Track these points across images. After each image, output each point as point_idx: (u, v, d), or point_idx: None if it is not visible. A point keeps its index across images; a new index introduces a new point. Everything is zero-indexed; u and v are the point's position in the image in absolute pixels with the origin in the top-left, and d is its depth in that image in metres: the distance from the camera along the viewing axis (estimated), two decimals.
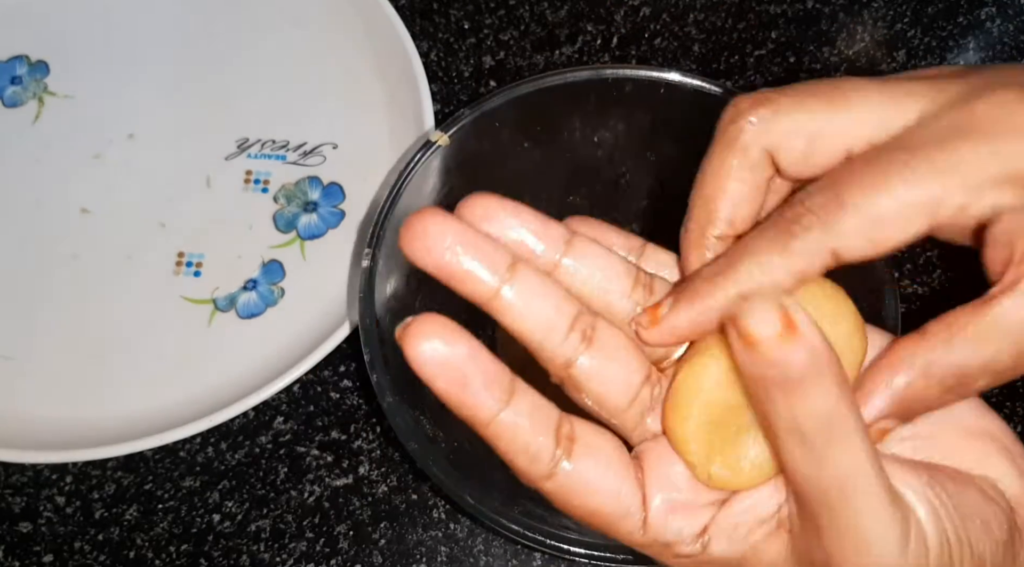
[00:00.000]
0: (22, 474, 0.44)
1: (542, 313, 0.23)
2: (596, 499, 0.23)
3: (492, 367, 0.21)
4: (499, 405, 0.21)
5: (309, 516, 0.43)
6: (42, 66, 0.53)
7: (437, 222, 0.22)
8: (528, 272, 0.23)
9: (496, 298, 0.22)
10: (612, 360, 0.24)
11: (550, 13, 0.55)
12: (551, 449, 0.22)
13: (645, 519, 0.23)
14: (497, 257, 0.22)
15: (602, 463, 0.23)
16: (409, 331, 0.20)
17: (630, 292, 0.25)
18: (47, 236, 0.49)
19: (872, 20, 0.55)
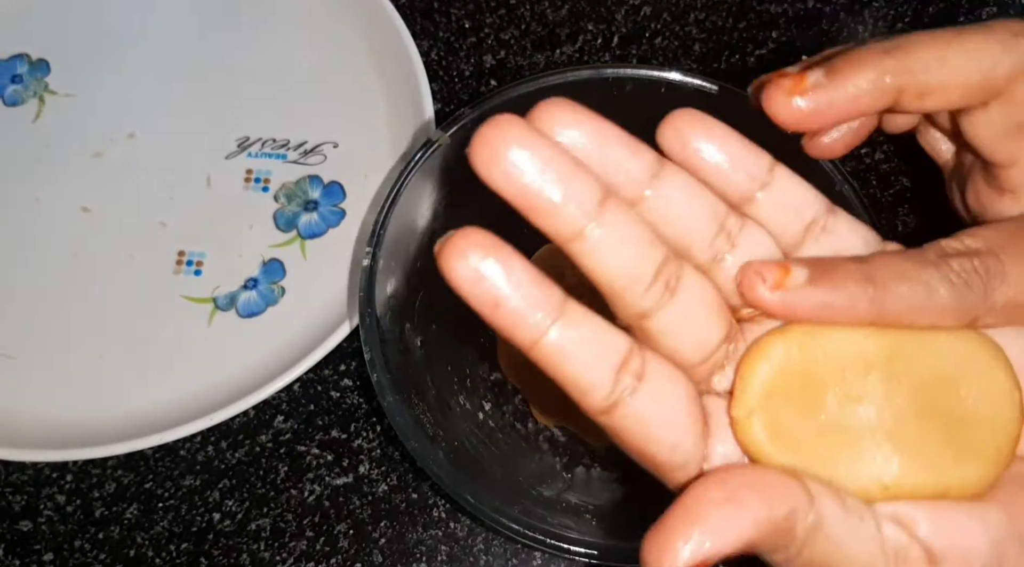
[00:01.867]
0: (22, 472, 0.44)
1: (628, 260, 0.20)
2: (653, 446, 0.21)
3: (537, 287, 0.19)
4: (543, 327, 0.19)
5: (309, 515, 0.44)
6: (43, 65, 0.53)
7: (519, 136, 0.19)
8: (617, 210, 0.20)
9: (579, 238, 0.20)
10: (692, 317, 0.22)
11: (551, 12, 0.55)
12: (608, 384, 0.20)
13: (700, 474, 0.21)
14: (587, 189, 0.20)
15: (667, 410, 0.21)
16: (445, 248, 0.19)
17: (712, 240, 0.22)
18: (47, 235, 0.49)
19: (873, 20, 0.55)
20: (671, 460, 0.21)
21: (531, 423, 0.44)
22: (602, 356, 0.20)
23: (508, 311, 0.19)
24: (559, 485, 0.41)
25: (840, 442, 0.21)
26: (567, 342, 0.20)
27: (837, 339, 0.21)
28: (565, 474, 0.42)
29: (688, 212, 0.22)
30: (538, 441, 0.43)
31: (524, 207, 0.20)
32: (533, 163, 0.19)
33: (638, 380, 0.20)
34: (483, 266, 0.19)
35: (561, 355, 0.20)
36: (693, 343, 0.22)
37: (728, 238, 0.22)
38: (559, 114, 0.21)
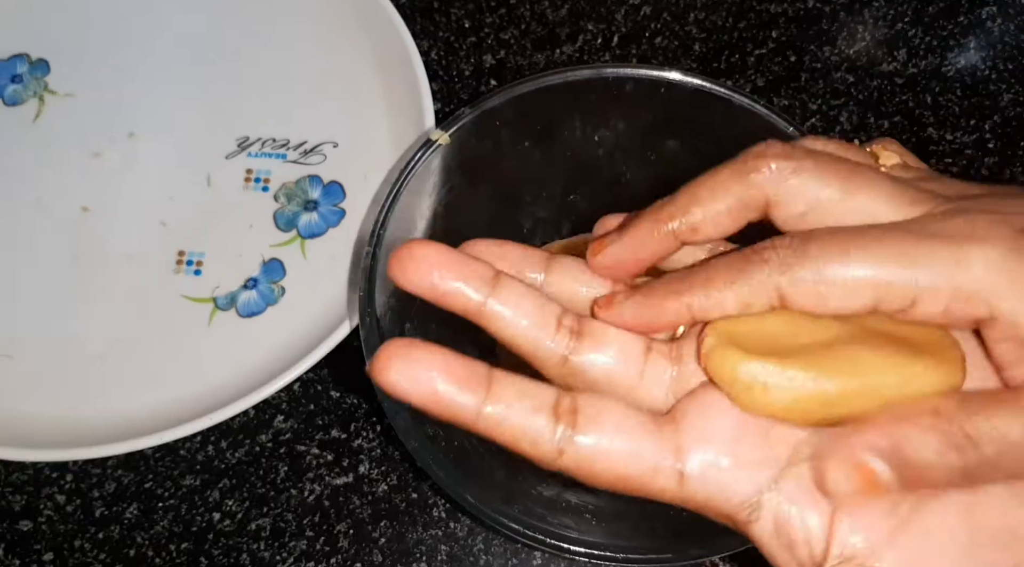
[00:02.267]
0: (22, 472, 0.44)
1: (529, 316, 0.24)
2: (617, 464, 0.23)
3: (461, 368, 0.22)
4: (478, 401, 0.22)
5: (309, 515, 0.44)
6: (43, 64, 0.53)
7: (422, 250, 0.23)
8: (510, 280, 0.24)
9: (485, 307, 0.24)
10: (607, 345, 0.25)
11: (551, 12, 0.55)
12: (551, 428, 0.23)
13: (682, 474, 0.23)
14: (480, 272, 0.24)
15: (611, 427, 0.23)
16: (374, 366, 0.22)
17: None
18: (47, 235, 0.49)
19: (873, 19, 0.55)
20: (643, 468, 0.23)
21: None
22: (537, 405, 0.23)
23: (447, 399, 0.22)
24: (559, 484, 0.41)
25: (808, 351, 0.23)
26: (503, 406, 0.22)
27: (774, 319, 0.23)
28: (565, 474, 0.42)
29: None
30: None
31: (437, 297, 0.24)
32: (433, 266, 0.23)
33: (574, 414, 0.23)
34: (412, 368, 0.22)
35: (501, 419, 0.22)
36: (621, 364, 0.25)
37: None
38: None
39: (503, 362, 0.44)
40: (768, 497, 0.22)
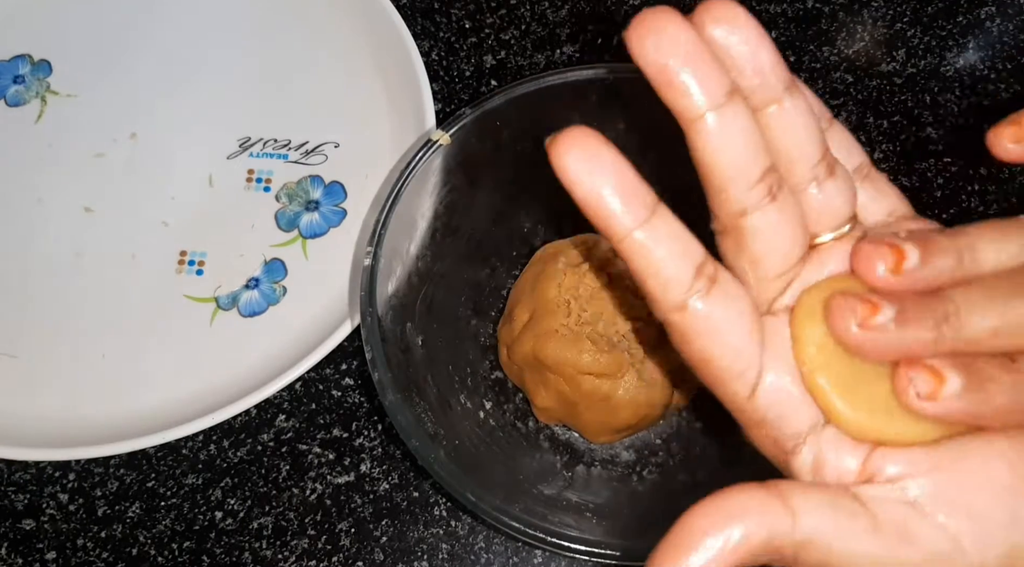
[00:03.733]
0: (25, 471, 0.44)
1: (740, 155, 0.22)
2: (717, 349, 0.22)
3: (633, 184, 0.21)
4: (634, 222, 0.21)
5: (311, 513, 0.44)
6: (45, 65, 0.53)
7: (672, 23, 0.21)
8: (741, 107, 0.22)
9: (700, 121, 0.22)
10: (785, 224, 0.23)
11: (551, 12, 0.55)
12: (687, 281, 0.22)
13: (755, 389, 0.23)
14: (718, 81, 0.21)
15: (735, 315, 0.22)
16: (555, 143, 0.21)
17: (815, 164, 0.24)
18: (50, 235, 0.49)
19: (872, 19, 0.55)
20: (733, 366, 0.22)
21: (532, 422, 0.44)
22: (684, 255, 0.22)
23: (607, 208, 0.21)
24: (559, 483, 0.41)
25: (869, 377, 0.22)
26: (654, 238, 0.21)
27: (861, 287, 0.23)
28: (565, 472, 0.42)
29: (804, 132, 0.23)
30: (539, 440, 0.43)
31: (661, 83, 0.21)
32: (677, 49, 0.21)
33: (712, 283, 0.22)
34: (589, 164, 0.21)
35: (647, 249, 0.21)
36: (779, 252, 0.23)
37: (827, 167, 0.24)
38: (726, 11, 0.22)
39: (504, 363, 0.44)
40: (815, 434, 0.23)
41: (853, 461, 0.23)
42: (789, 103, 0.23)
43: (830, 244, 0.24)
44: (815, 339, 0.23)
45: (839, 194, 0.24)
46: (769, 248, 0.23)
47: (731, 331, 0.22)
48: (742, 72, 0.22)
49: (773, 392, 0.23)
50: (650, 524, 0.39)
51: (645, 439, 0.43)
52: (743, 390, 0.23)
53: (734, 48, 0.22)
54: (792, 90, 0.23)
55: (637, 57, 0.21)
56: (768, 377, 0.23)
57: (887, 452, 0.22)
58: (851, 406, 0.22)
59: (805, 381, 0.23)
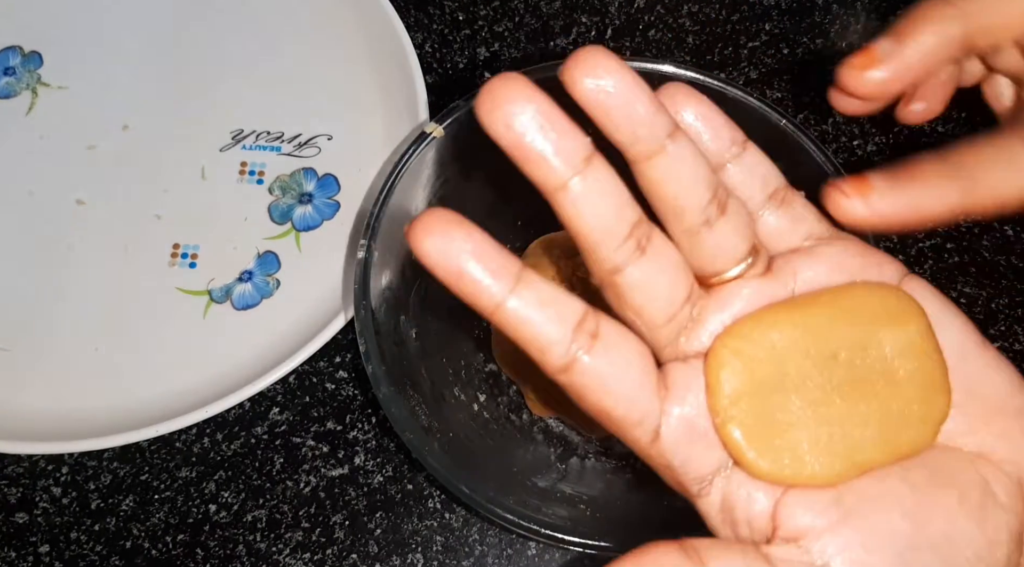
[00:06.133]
0: (18, 465, 0.44)
1: (605, 214, 0.22)
2: (610, 401, 0.22)
3: (495, 256, 0.21)
4: (502, 292, 0.21)
5: (305, 506, 0.44)
6: (35, 57, 0.53)
7: (522, 93, 0.20)
8: (601, 168, 0.22)
9: (563, 189, 0.21)
10: (660, 273, 0.23)
11: (544, 5, 0.55)
12: (566, 341, 0.21)
13: (656, 436, 0.23)
14: (575, 145, 0.21)
15: (622, 366, 0.22)
16: (412, 230, 0.21)
17: (704, 207, 0.23)
18: (42, 228, 0.49)
19: (865, 11, 0.55)
20: (628, 415, 0.22)
21: (526, 414, 0.44)
22: (559, 317, 0.21)
23: (471, 281, 0.21)
24: (553, 476, 0.41)
25: (809, 432, 0.23)
26: (525, 306, 0.21)
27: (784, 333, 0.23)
28: (559, 465, 0.42)
29: (690, 179, 0.23)
30: (533, 432, 0.43)
31: (517, 156, 0.21)
32: (530, 118, 0.20)
33: (593, 339, 0.22)
34: (447, 242, 0.21)
35: (520, 318, 0.21)
36: (661, 299, 0.23)
37: (719, 206, 0.23)
38: (598, 62, 0.21)
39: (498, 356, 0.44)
40: (722, 476, 0.23)
41: (765, 501, 0.23)
42: (672, 150, 0.22)
43: (734, 282, 0.24)
44: (727, 390, 0.23)
45: (734, 232, 0.23)
46: (648, 298, 0.23)
47: (620, 382, 0.22)
48: (618, 125, 0.22)
49: (676, 438, 0.23)
50: (644, 516, 0.39)
51: None
52: (644, 437, 0.23)
53: (608, 101, 0.21)
54: (675, 136, 0.22)
55: (488, 130, 0.21)
56: (672, 422, 0.23)
57: (797, 497, 0.22)
58: (763, 456, 0.22)
59: (718, 431, 0.23)
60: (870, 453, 0.23)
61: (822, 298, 0.24)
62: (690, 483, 0.23)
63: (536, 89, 0.21)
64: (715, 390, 0.23)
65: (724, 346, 0.23)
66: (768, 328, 0.23)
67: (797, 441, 0.22)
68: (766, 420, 0.23)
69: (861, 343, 0.23)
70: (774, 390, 0.23)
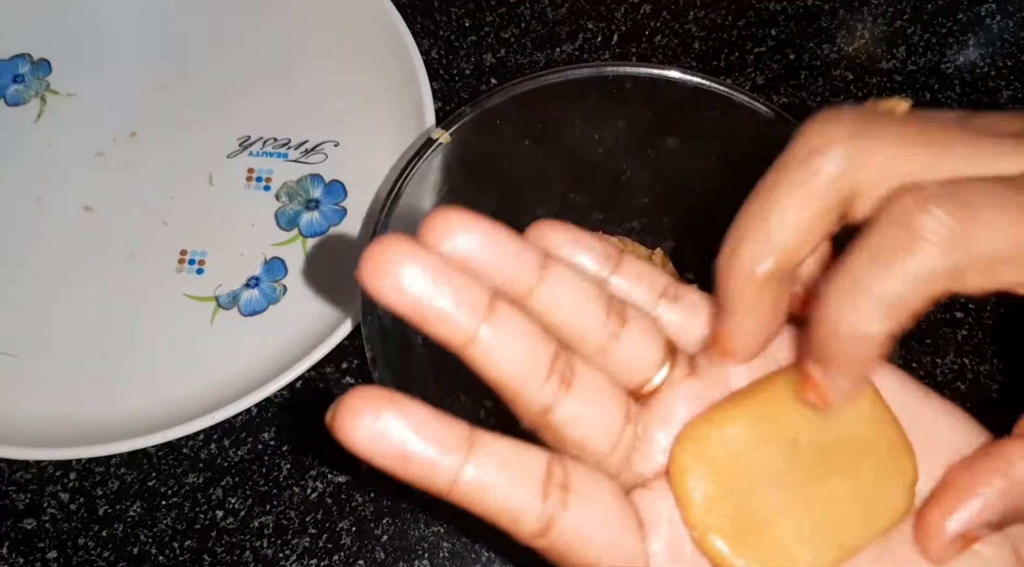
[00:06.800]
0: (26, 471, 0.44)
1: (522, 357, 0.20)
2: (595, 554, 0.20)
3: (437, 427, 0.19)
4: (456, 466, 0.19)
5: (312, 512, 0.44)
6: (44, 64, 0.53)
7: (407, 253, 0.19)
8: (507, 310, 0.20)
9: (473, 342, 0.20)
10: (592, 403, 0.22)
11: (551, 11, 0.55)
12: (537, 504, 0.20)
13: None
14: (475, 294, 0.19)
15: (600, 514, 0.20)
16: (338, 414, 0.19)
17: (604, 321, 0.22)
18: (50, 234, 0.49)
19: (872, 17, 0.55)
20: (617, 563, 0.21)
21: None
22: (524, 476, 0.20)
23: (418, 462, 0.19)
24: None
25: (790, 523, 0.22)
26: (485, 474, 0.19)
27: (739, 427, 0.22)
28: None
29: (577, 300, 0.22)
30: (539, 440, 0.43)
31: (417, 319, 0.19)
32: (421, 277, 0.19)
33: (565, 491, 0.20)
34: (380, 424, 0.19)
35: (482, 490, 0.19)
36: (599, 428, 0.22)
37: (618, 317, 0.22)
38: (450, 222, 0.20)
39: None
40: None
41: None
42: (549, 279, 0.21)
43: (665, 390, 0.23)
44: (699, 499, 0.22)
45: (642, 338, 0.22)
46: (586, 431, 0.22)
47: (602, 533, 0.20)
48: (491, 272, 0.20)
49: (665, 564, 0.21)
50: None
51: None
52: None
53: (472, 254, 0.20)
54: (546, 266, 0.21)
55: (379, 299, 0.19)
56: (658, 559, 0.21)
57: None
58: (752, 562, 0.22)
59: (698, 544, 0.22)
60: (856, 532, 0.22)
61: (763, 387, 0.23)
62: None
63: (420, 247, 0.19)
64: (686, 502, 0.22)
65: (684, 452, 0.22)
66: (722, 425, 0.22)
67: (781, 535, 0.22)
68: (745, 521, 0.22)
69: (816, 423, 0.23)
70: (745, 488, 0.22)
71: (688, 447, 0.22)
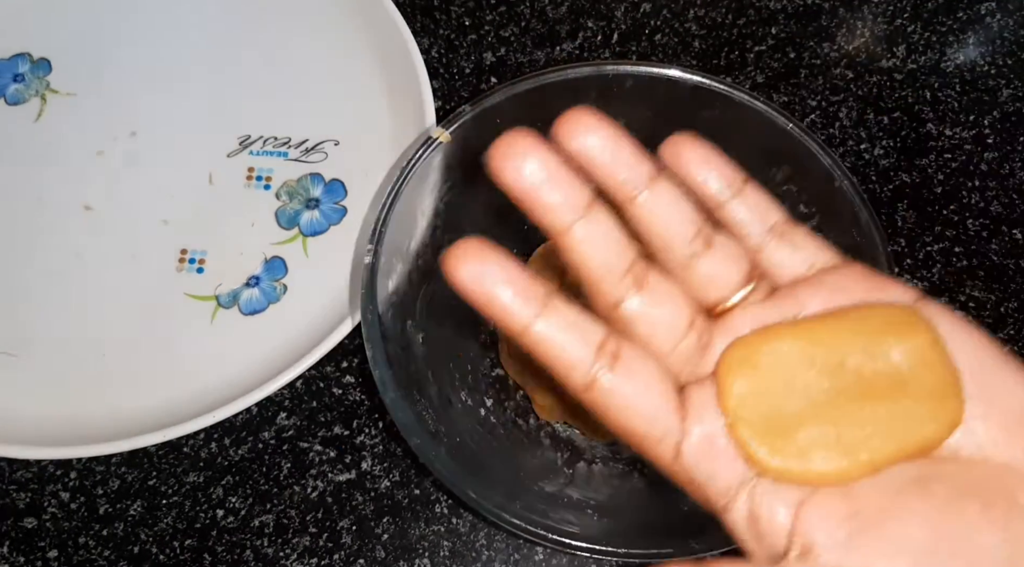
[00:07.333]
0: (27, 470, 0.44)
1: (605, 254, 0.24)
2: (632, 419, 0.24)
3: (523, 282, 0.23)
4: (531, 316, 0.23)
5: (312, 511, 0.44)
6: (44, 64, 0.53)
7: (532, 147, 0.23)
8: (602, 214, 0.24)
9: (567, 233, 0.24)
10: (660, 305, 0.25)
11: (551, 9, 0.55)
12: (589, 361, 0.23)
13: (679, 450, 0.24)
14: (579, 194, 0.24)
15: (643, 385, 0.24)
16: (448, 259, 0.23)
17: (691, 240, 0.25)
18: (50, 234, 0.49)
19: (872, 15, 0.55)
20: (651, 432, 0.24)
21: (533, 419, 0.44)
22: (582, 339, 0.24)
23: (501, 306, 0.23)
24: (561, 481, 0.41)
25: (817, 431, 0.23)
26: (551, 328, 0.23)
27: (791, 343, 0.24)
28: (567, 470, 0.42)
29: (674, 216, 0.25)
30: (540, 437, 0.43)
31: (527, 205, 0.24)
32: (540, 171, 0.23)
33: (614, 359, 0.24)
34: (480, 270, 0.23)
35: (546, 338, 0.23)
36: (663, 328, 0.25)
37: (704, 240, 0.25)
38: (582, 123, 0.24)
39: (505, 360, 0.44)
40: (746, 489, 0.23)
41: (784, 513, 0.23)
42: (655, 191, 0.25)
43: (738, 310, 0.26)
44: (738, 389, 0.24)
45: (723, 262, 0.26)
46: (651, 328, 0.25)
47: (642, 400, 0.24)
48: (607, 173, 0.25)
49: (698, 452, 0.24)
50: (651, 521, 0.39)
51: None
52: (666, 453, 0.24)
53: (596, 154, 0.24)
54: (657, 179, 0.25)
55: (501, 181, 0.23)
56: (692, 439, 0.24)
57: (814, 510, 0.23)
58: (772, 452, 0.23)
59: (729, 432, 0.24)
60: (879, 449, 0.23)
61: (828, 316, 0.25)
62: (715, 497, 0.24)
63: (544, 143, 0.23)
64: (725, 392, 0.24)
65: (735, 350, 0.24)
66: (776, 339, 0.24)
67: (805, 440, 0.23)
68: (775, 421, 0.23)
69: (868, 352, 0.24)
70: (782, 394, 0.24)
71: (740, 347, 0.25)
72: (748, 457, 0.23)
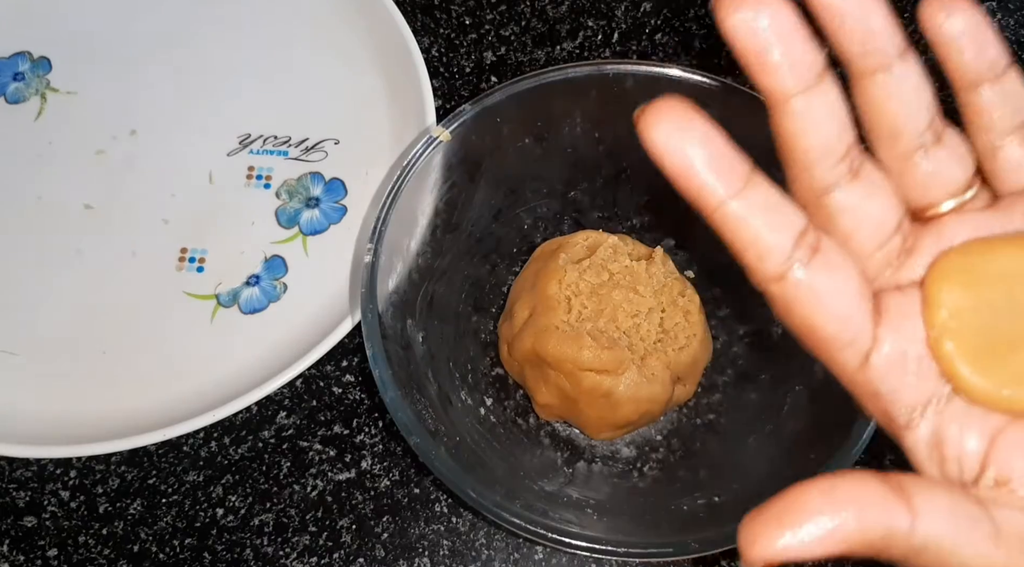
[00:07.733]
0: (26, 469, 0.44)
1: (827, 134, 0.21)
2: (821, 318, 0.22)
3: (726, 154, 0.21)
4: (728, 194, 0.21)
5: (312, 510, 0.44)
6: (44, 62, 0.53)
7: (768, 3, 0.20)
8: (829, 86, 0.21)
9: (787, 103, 0.21)
10: (871, 198, 0.22)
11: (551, 9, 0.55)
12: (786, 251, 0.21)
13: (868, 359, 0.22)
14: (810, 62, 0.21)
15: (840, 283, 0.21)
16: (644, 114, 0.20)
17: (922, 131, 0.23)
18: (50, 232, 0.49)
19: None
20: (840, 335, 0.22)
21: (532, 418, 0.44)
22: (783, 225, 0.21)
23: (698, 177, 0.20)
24: (560, 480, 0.41)
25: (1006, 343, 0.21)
26: (750, 209, 0.21)
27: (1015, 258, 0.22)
28: (566, 469, 0.42)
29: (912, 101, 0.22)
30: (539, 436, 0.43)
31: (753, 62, 0.21)
32: (773, 28, 0.20)
33: (813, 252, 0.21)
34: (679, 133, 0.20)
35: (742, 219, 0.21)
36: (870, 224, 0.23)
37: (934, 134, 0.23)
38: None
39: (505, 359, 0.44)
40: (933, 408, 0.22)
41: (976, 442, 0.21)
42: (899, 70, 0.22)
43: (952, 215, 0.23)
44: (948, 302, 0.22)
45: (949, 161, 0.23)
46: (857, 223, 0.22)
47: (836, 299, 0.21)
48: (850, 37, 0.22)
49: (888, 362, 0.22)
50: (652, 520, 0.39)
51: (646, 435, 0.43)
52: (853, 360, 0.22)
53: (845, 12, 0.21)
54: (905, 55, 0.22)
55: (728, 31, 0.20)
56: (884, 347, 0.22)
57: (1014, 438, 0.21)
58: (979, 373, 0.21)
59: (931, 345, 0.22)
60: None
61: None
62: (897, 413, 0.22)
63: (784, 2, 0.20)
64: (933, 301, 0.22)
65: (949, 259, 0.22)
66: (998, 251, 0.22)
67: (1018, 365, 0.21)
68: (986, 339, 0.21)
69: None
70: (999, 312, 0.22)
71: (956, 256, 0.22)
72: (952, 375, 0.21)
